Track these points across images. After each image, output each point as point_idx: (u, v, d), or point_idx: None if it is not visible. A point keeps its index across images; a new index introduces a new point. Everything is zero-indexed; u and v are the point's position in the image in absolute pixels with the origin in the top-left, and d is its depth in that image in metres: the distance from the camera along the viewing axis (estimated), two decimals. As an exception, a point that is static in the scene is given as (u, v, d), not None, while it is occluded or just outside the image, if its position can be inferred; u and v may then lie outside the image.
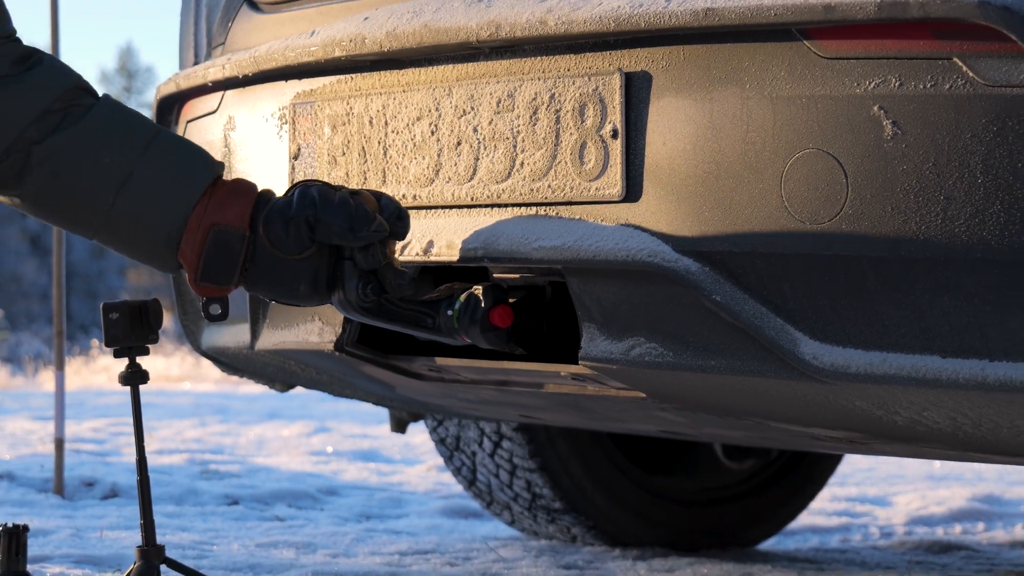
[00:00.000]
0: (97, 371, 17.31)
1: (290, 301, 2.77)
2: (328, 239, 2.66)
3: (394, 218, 2.67)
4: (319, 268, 2.71)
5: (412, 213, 2.80)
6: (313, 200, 2.68)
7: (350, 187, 2.79)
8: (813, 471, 4.32)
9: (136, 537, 3.04)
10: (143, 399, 3.07)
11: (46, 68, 2.71)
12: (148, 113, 3.09)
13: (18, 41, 2.71)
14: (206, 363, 3.63)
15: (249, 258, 2.72)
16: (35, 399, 10.55)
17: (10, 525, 3.26)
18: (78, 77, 2.73)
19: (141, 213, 2.72)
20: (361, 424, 7.97)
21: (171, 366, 16.97)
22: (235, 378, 3.62)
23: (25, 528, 3.28)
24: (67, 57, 5.21)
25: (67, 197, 2.72)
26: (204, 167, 2.75)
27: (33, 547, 3.40)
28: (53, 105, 2.68)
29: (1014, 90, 2.17)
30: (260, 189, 2.77)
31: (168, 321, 3.12)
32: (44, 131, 2.67)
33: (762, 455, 4.19)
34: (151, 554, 2.97)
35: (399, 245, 2.79)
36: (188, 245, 2.71)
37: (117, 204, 2.70)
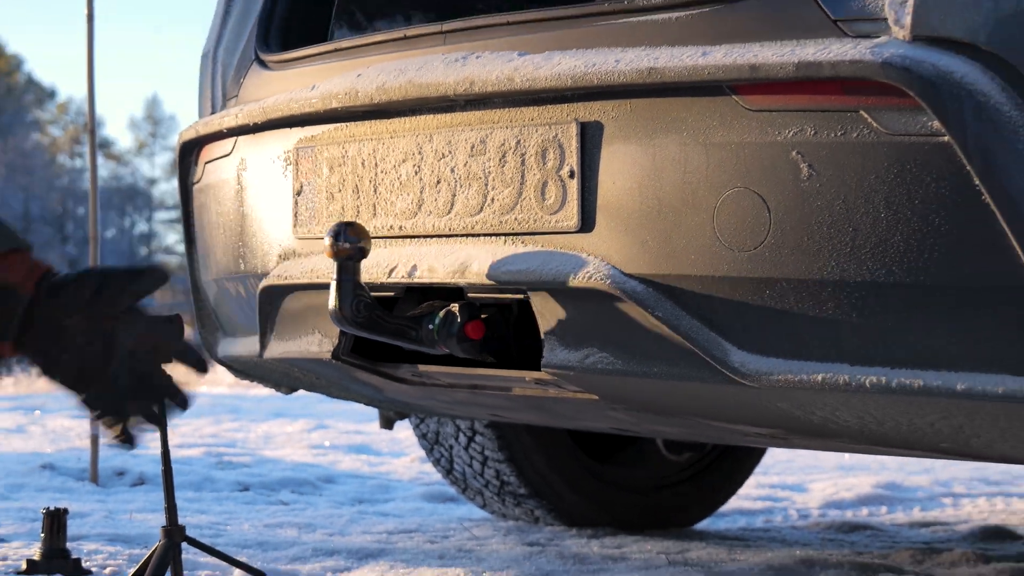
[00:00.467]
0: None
1: (53, 373, 2.64)
2: (112, 293, 2.63)
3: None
4: (87, 347, 2.62)
5: (399, 242, 2.81)
6: (98, 271, 2.64)
7: (345, 219, 2.79)
8: (741, 462, 4.33)
9: (161, 519, 3.04)
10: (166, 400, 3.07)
11: None
12: (172, 155, 3.08)
13: None
14: (221, 369, 3.62)
15: (28, 321, 2.58)
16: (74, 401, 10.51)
17: (52, 508, 3.26)
18: None
19: None
20: (355, 422, 7.96)
21: (190, 372, 16.90)
22: (246, 382, 3.61)
23: (65, 511, 3.28)
24: (102, 106, 5.18)
25: None
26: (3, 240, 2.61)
27: (72, 527, 3.39)
28: None
29: (911, 138, 2.18)
30: (54, 269, 2.64)
31: (188, 333, 3.11)
32: None
33: (697, 448, 4.19)
34: (174, 533, 2.97)
35: (388, 267, 2.79)
36: None
37: None
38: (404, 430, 6.58)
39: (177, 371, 2.71)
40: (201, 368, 2.65)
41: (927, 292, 2.21)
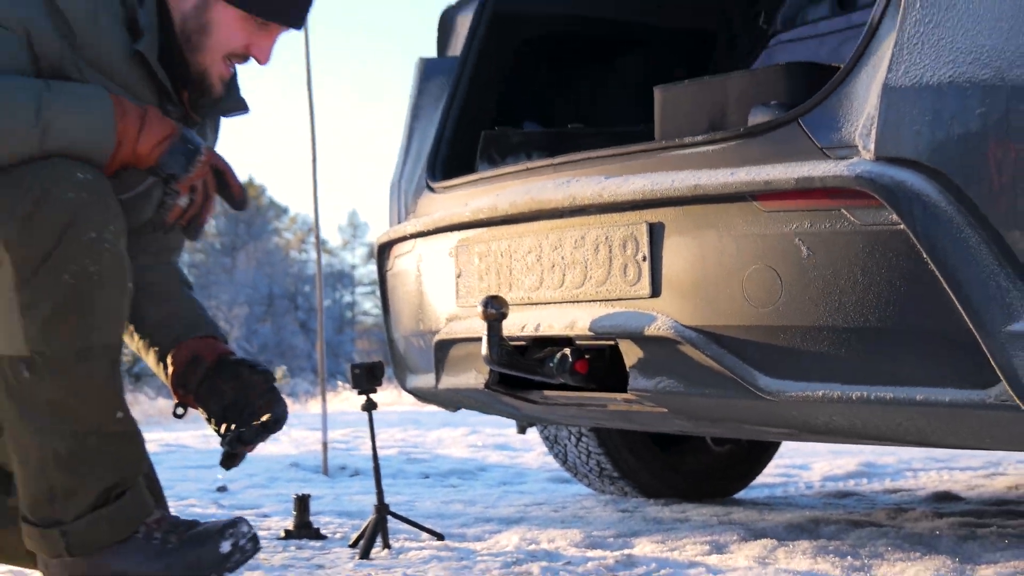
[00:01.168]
0: (341, 401, 17.33)
1: (208, 417, 2.58)
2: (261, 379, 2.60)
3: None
4: (231, 406, 2.57)
5: (527, 307, 2.81)
6: (254, 364, 2.62)
7: (491, 294, 2.80)
8: (764, 450, 4.29)
9: (372, 499, 3.06)
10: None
11: None
12: (368, 252, 3.09)
13: None
14: (406, 395, 3.65)
15: (203, 382, 2.58)
16: (307, 418, 10.58)
17: (299, 494, 3.30)
18: None
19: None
20: (498, 428, 7.94)
21: (386, 397, 16.97)
22: (424, 404, 3.62)
23: (308, 496, 3.31)
24: (321, 216, 5.22)
25: None
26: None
27: (312, 506, 3.42)
28: None
29: (877, 227, 2.18)
30: (231, 353, 2.63)
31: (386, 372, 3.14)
32: None
33: (734, 442, 4.16)
34: (381, 508, 2.99)
35: (521, 325, 2.79)
36: (174, 362, 2.60)
37: None
38: (532, 433, 6.59)
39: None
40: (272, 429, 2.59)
41: (893, 334, 2.19)
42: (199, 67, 2.45)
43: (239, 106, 2.63)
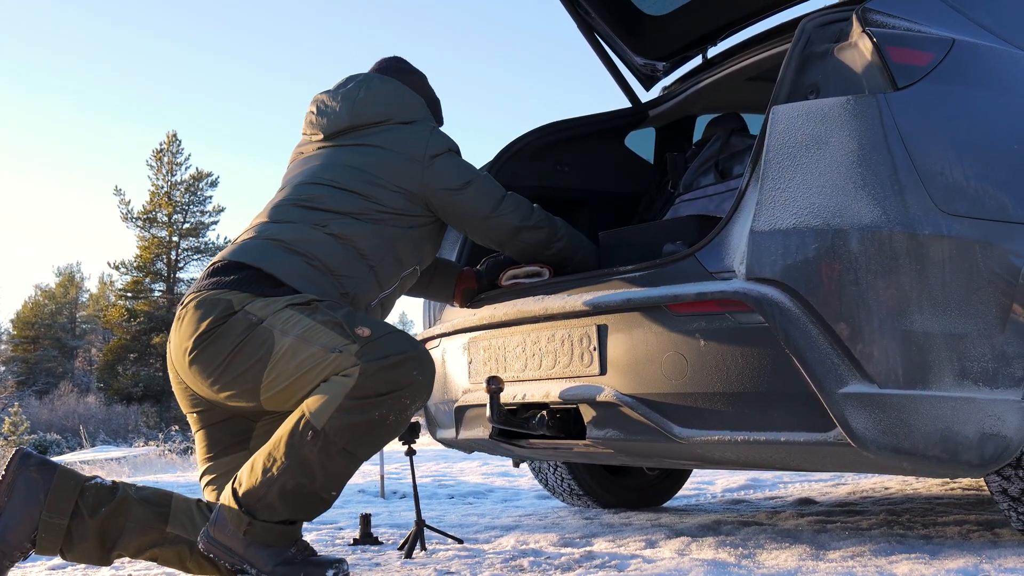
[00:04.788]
0: (394, 444, 17.14)
1: None
2: None
3: None
4: None
5: (517, 383, 2.81)
6: None
7: (492, 375, 2.80)
8: (682, 473, 4.25)
9: (414, 515, 3.02)
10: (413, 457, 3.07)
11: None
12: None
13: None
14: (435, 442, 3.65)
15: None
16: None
17: (364, 513, 3.26)
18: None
19: None
20: (501, 462, 7.88)
21: (424, 440, 16.76)
22: (449, 448, 3.59)
23: (369, 514, 3.27)
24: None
25: None
26: None
27: (373, 521, 3.38)
28: None
29: (749, 325, 2.19)
30: None
31: (423, 427, 3.11)
32: None
33: (662, 469, 4.12)
34: (420, 522, 2.96)
35: (512, 395, 2.78)
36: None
37: None
38: (524, 466, 6.52)
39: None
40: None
41: (763, 396, 2.20)
42: None
43: None
